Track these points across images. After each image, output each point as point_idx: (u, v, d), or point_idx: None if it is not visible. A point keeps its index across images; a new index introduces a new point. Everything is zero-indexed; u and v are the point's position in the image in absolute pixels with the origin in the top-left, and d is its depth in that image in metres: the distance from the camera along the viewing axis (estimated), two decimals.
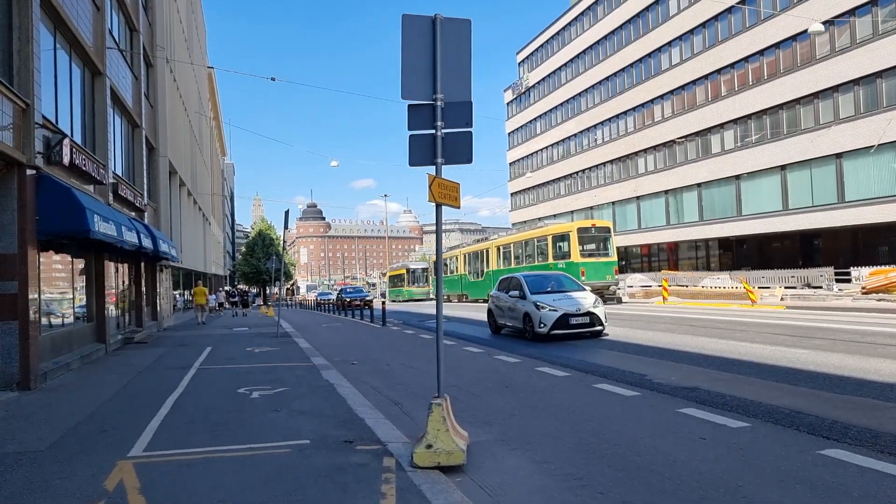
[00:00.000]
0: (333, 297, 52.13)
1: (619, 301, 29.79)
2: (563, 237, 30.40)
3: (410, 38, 5.54)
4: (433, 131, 5.57)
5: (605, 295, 29.22)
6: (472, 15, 5.64)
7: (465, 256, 42.46)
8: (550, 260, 30.72)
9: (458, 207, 5.74)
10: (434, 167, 5.57)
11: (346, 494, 4.31)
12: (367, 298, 39.54)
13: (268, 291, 68.30)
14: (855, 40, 29.86)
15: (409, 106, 5.64)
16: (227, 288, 54.07)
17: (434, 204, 5.54)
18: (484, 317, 22.55)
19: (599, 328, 13.86)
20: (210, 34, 77.32)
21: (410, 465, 4.89)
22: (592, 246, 29.64)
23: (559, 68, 59.12)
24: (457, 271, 43.10)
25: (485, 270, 38.75)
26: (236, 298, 37.93)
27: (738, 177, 37.38)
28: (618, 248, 49.44)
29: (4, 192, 9.33)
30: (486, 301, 38.45)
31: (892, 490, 4.16)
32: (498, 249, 37.12)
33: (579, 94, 55.31)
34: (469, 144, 5.67)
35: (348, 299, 38.87)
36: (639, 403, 7.10)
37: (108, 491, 4.57)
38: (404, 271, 56.46)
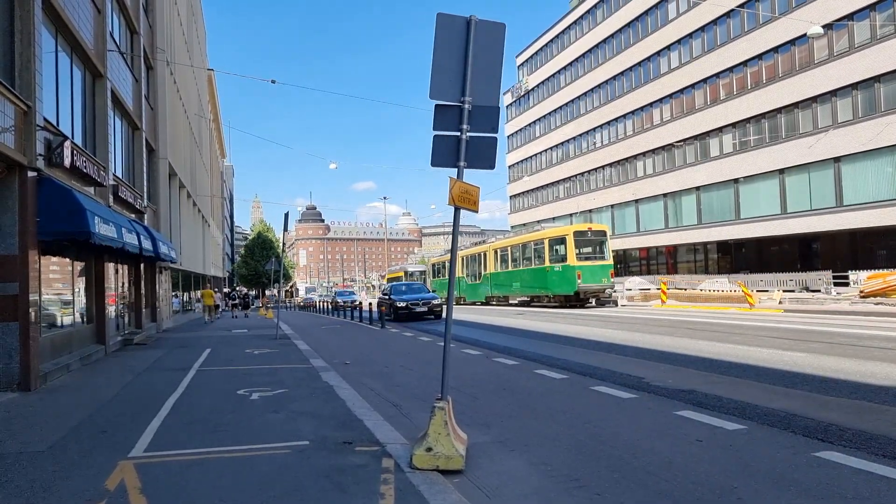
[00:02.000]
0: (357, 298, 45.68)
1: (616, 304, 30.12)
2: (560, 241, 30.65)
3: (443, 37, 5.44)
4: (458, 133, 5.52)
5: (602, 298, 29.76)
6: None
7: (462, 259, 42.84)
8: (547, 263, 31.00)
9: (477, 211, 5.67)
10: (456, 170, 5.54)
11: (345, 494, 4.35)
12: (436, 303, 26.59)
13: (267, 293, 68.31)
14: (853, 44, 29.99)
15: (437, 106, 5.55)
16: (225, 290, 54.07)
17: (453, 207, 5.49)
18: (489, 319, 22.36)
19: None
20: (210, 37, 77.39)
21: (409, 465, 4.92)
22: (589, 249, 29.96)
23: (558, 71, 59.27)
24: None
25: (482, 273, 39.18)
26: (237, 301, 38.03)
27: (736, 180, 37.48)
28: (616, 252, 50.23)
29: (6, 193, 9.37)
30: (483, 304, 39.05)
31: (885, 492, 4.20)
32: (495, 252, 37.50)
33: (578, 97, 55.44)
34: (493, 150, 5.65)
35: (403, 303, 25.84)
36: (636, 405, 7.14)
37: (109, 491, 4.61)
38: (402, 274, 56.98)
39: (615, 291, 31.06)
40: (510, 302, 36.55)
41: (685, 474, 4.68)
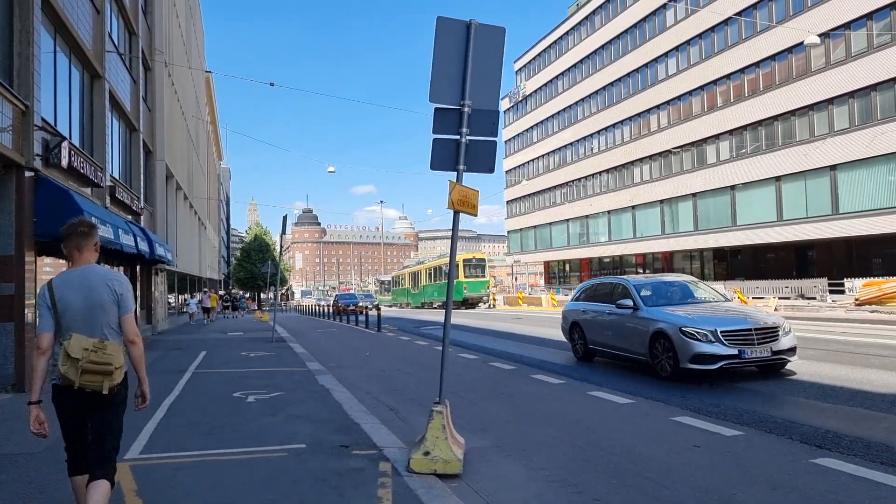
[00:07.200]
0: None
1: (492, 306, 44.07)
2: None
3: (443, 41, 5.42)
4: (457, 137, 5.49)
5: (480, 303, 44.37)
6: None
7: (409, 274, 57.77)
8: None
9: (476, 215, 5.62)
10: (455, 173, 5.51)
11: (342, 498, 4.33)
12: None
13: (262, 296, 68.47)
14: (850, 53, 30.12)
15: (436, 109, 5.53)
16: (220, 292, 54.13)
17: (452, 211, 5.46)
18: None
19: None
20: (209, 39, 77.49)
21: (406, 469, 4.90)
22: (475, 271, 44.72)
23: (556, 77, 59.35)
24: (404, 285, 58.77)
25: (420, 285, 53.17)
26: (228, 303, 38.83)
27: (733, 187, 37.56)
28: (613, 258, 51.00)
29: (3, 193, 9.34)
30: (420, 307, 52.49)
31: (883, 498, 4.20)
32: (426, 271, 51.46)
33: (576, 103, 55.52)
34: (492, 154, 5.64)
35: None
36: (633, 411, 7.14)
37: None
38: (378, 283, 77.85)
39: (488, 297, 45.55)
40: (433, 306, 48.30)
41: (683, 480, 4.68)
